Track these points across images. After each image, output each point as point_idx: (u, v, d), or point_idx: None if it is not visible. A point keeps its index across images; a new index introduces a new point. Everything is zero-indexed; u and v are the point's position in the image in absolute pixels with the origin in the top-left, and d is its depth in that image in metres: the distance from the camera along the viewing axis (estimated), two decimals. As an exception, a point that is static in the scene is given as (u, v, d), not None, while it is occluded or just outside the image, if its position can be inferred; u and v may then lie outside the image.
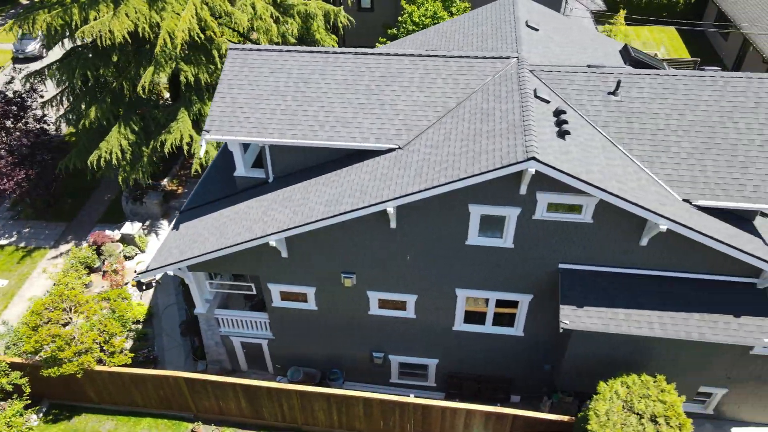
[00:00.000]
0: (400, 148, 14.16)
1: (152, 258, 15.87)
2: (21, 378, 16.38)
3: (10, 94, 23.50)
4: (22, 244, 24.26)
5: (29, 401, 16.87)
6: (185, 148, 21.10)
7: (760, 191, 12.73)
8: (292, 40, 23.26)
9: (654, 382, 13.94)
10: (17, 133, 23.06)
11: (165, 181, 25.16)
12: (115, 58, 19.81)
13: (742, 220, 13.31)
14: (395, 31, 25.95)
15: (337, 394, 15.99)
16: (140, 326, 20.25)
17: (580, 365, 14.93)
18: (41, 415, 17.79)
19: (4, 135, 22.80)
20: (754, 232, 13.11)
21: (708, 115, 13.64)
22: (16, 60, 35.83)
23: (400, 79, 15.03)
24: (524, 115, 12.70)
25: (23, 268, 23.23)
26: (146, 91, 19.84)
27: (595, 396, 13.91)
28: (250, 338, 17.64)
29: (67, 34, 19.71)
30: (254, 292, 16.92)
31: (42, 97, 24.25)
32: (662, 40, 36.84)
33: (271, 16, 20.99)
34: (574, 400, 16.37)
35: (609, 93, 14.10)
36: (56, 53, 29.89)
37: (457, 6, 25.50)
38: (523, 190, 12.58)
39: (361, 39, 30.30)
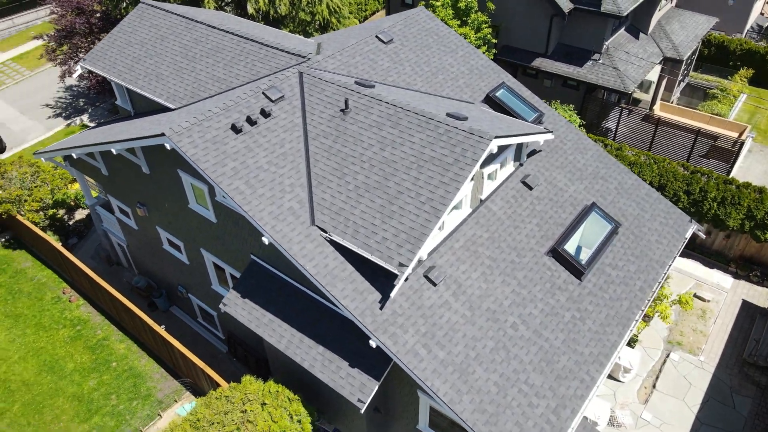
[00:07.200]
0: (174, 109, 16.13)
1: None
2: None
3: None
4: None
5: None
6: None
7: (382, 245, 11.79)
8: (285, 10, 25.64)
9: (289, 398, 14.07)
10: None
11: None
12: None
13: (381, 272, 12.40)
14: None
15: (114, 295, 18.68)
16: (94, 207, 25.64)
17: (287, 370, 15.36)
18: (3, 240, 24.35)
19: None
20: (379, 283, 12.13)
21: (404, 157, 12.72)
22: None
23: (219, 55, 16.72)
24: (226, 102, 13.67)
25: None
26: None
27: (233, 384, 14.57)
28: (118, 239, 21.48)
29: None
30: (106, 199, 20.60)
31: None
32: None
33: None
34: None
35: (341, 110, 13.95)
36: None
37: (473, 18, 24.61)
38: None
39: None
